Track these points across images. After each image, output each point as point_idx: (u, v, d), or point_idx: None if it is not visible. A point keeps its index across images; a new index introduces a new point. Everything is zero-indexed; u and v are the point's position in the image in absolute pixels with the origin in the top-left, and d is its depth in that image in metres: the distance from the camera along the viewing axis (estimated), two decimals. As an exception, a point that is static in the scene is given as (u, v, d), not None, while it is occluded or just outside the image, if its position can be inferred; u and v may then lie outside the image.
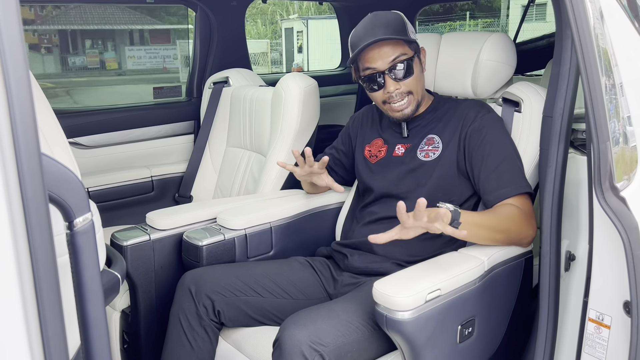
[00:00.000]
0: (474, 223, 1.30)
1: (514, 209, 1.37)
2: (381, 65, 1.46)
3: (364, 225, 1.59)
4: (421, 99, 1.55)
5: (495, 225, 1.35)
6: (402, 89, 1.49)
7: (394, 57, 1.46)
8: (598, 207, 1.02)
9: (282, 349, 1.15)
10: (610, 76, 1.07)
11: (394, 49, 1.46)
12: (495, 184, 1.41)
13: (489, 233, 1.34)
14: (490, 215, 1.38)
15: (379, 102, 1.54)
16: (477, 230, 1.32)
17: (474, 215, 1.35)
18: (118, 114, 2.36)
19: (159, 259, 1.61)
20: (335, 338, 1.18)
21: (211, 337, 1.43)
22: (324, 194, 1.86)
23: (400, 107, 1.50)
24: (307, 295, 1.52)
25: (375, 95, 1.52)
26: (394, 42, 1.46)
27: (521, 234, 1.38)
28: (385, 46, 1.46)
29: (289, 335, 1.16)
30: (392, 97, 1.49)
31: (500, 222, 1.36)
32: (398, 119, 1.55)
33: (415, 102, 1.52)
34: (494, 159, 1.43)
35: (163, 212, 1.68)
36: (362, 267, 1.51)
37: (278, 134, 1.97)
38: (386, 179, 1.57)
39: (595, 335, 1.09)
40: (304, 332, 1.15)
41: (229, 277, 1.45)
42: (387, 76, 1.47)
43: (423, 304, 1.16)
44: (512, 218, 1.36)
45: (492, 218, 1.36)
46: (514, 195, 1.40)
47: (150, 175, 2.31)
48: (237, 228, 1.60)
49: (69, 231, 0.63)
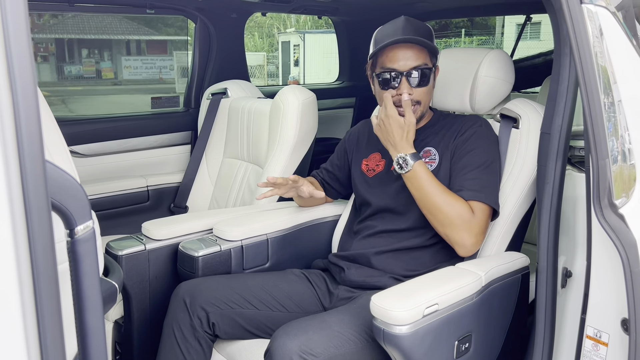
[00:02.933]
0: (424, 178, 1.40)
1: (467, 210, 1.38)
2: (402, 67, 1.47)
3: (362, 238, 1.59)
4: (425, 112, 1.56)
5: (440, 199, 1.38)
6: (413, 96, 1.49)
7: (417, 64, 1.47)
8: (597, 224, 1.02)
9: (273, 358, 1.14)
10: (609, 94, 1.08)
11: (418, 55, 1.47)
12: (461, 183, 1.44)
13: (429, 200, 1.39)
14: (443, 189, 1.41)
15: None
16: (420, 184, 1.40)
17: (431, 177, 1.42)
18: (115, 123, 2.35)
19: (154, 269, 1.60)
20: (327, 349, 1.17)
21: (205, 349, 1.42)
22: (320, 206, 1.86)
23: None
24: (303, 308, 1.51)
25: (385, 94, 1.52)
26: (419, 49, 1.48)
27: (457, 232, 1.38)
28: (411, 50, 1.47)
29: (279, 345, 1.15)
30: (400, 102, 1.50)
31: (446, 201, 1.38)
32: None
33: (419, 112, 1.53)
34: (471, 163, 1.45)
35: (159, 222, 1.67)
36: (359, 281, 1.50)
37: (276, 145, 1.97)
38: (384, 193, 1.57)
39: (592, 352, 1.08)
40: (295, 342, 1.14)
41: (224, 289, 1.44)
42: (404, 78, 1.48)
43: (421, 318, 1.16)
44: (458, 209, 1.37)
45: (442, 192, 1.40)
46: (473, 201, 1.40)
47: (146, 185, 2.30)
48: (233, 239, 1.59)
49: (70, 239, 0.63)
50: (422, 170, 1.40)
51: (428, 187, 1.40)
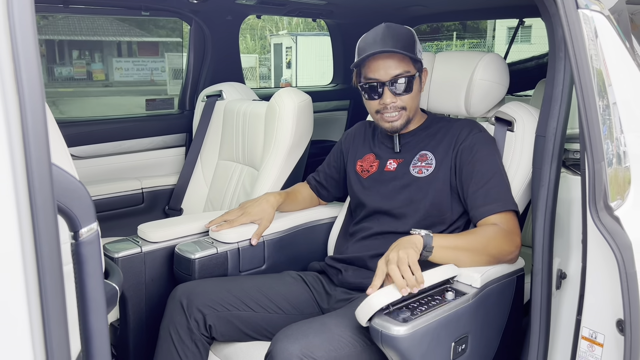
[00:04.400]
0: (448, 246, 1.33)
1: (493, 227, 1.39)
2: (383, 77, 1.49)
3: (358, 240, 1.59)
4: (413, 116, 1.57)
5: (472, 246, 1.35)
6: (398, 103, 1.51)
7: (398, 72, 1.48)
8: (592, 226, 1.03)
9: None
10: (604, 97, 1.09)
11: (399, 64, 1.48)
12: (482, 199, 1.43)
13: (466, 254, 1.35)
14: (466, 236, 1.39)
15: (372, 110, 1.56)
16: (453, 253, 1.33)
17: (449, 238, 1.36)
18: (109, 125, 2.34)
19: (149, 271, 1.59)
20: (327, 352, 1.17)
21: (202, 352, 1.42)
22: (316, 208, 1.87)
23: (391, 119, 1.53)
24: (300, 310, 1.51)
25: (371, 104, 1.55)
26: (400, 57, 1.49)
27: (502, 251, 1.38)
28: (391, 59, 1.48)
29: (280, 349, 1.15)
30: (386, 109, 1.52)
31: (477, 241, 1.36)
32: (387, 130, 1.57)
33: (406, 117, 1.54)
34: (482, 175, 1.45)
35: (155, 224, 1.67)
36: (356, 283, 1.51)
37: (271, 148, 1.97)
38: (379, 194, 1.58)
39: (588, 353, 1.10)
40: (296, 346, 1.15)
41: (221, 291, 1.44)
42: (386, 88, 1.49)
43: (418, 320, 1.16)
44: (490, 236, 1.37)
45: (468, 239, 1.37)
46: (500, 212, 1.42)
47: (140, 187, 2.30)
48: (229, 242, 1.59)
49: (74, 241, 0.63)
50: (439, 243, 1.33)
51: (456, 247, 1.34)
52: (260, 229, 1.63)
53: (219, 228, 1.60)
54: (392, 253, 1.25)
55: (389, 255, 1.25)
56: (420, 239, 1.29)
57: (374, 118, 1.58)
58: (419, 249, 1.27)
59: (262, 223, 1.63)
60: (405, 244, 1.27)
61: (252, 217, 1.63)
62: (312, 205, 1.87)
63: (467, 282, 1.35)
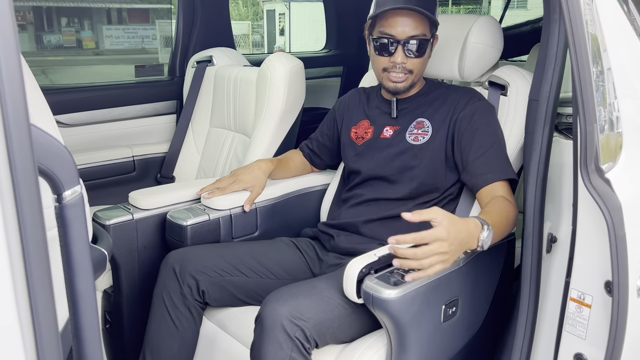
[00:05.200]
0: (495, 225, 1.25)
1: (503, 200, 1.37)
2: (400, 35, 1.45)
3: (351, 207, 1.59)
4: (417, 81, 1.55)
5: (502, 221, 1.31)
6: (407, 65, 1.48)
7: (415, 33, 1.45)
8: (583, 189, 1.03)
9: (264, 324, 1.15)
10: (599, 63, 1.08)
11: (418, 25, 1.45)
12: (483, 168, 1.42)
13: (500, 230, 1.30)
14: (500, 216, 1.31)
15: (379, 67, 1.52)
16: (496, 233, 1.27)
17: (492, 218, 1.27)
18: (99, 92, 2.31)
19: (142, 238, 1.59)
20: (316, 314, 1.18)
21: (195, 317, 1.43)
22: (308, 175, 1.86)
23: (397, 79, 1.50)
24: (293, 275, 1.52)
25: (380, 60, 1.50)
26: (420, 18, 1.44)
27: (513, 222, 1.38)
28: (411, 18, 1.44)
29: (270, 310, 1.16)
30: (395, 68, 1.48)
31: (502, 216, 1.32)
32: (390, 90, 1.54)
33: (411, 81, 1.52)
34: (482, 144, 1.44)
35: (146, 191, 1.66)
36: (348, 248, 1.51)
37: (263, 114, 1.95)
38: (374, 161, 1.57)
39: (576, 314, 1.11)
40: (285, 307, 1.16)
41: (214, 257, 1.44)
42: (400, 47, 1.46)
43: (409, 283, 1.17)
44: (507, 209, 1.35)
45: (499, 214, 1.31)
46: (500, 180, 1.42)
47: (132, 155, 2.28)
48: (221, 208, 1.59)
49: (58, 204, 0.62)
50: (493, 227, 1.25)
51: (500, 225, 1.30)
52: (252, 195, 1.63)
53: (210, 195, 1.60)
54: (444, 244, 1.11)
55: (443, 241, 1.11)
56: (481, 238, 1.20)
57: (379, 76, 1.55)
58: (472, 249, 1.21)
59: (254, 190, 1.63)
60: (465, 243, 1.16)
61: (244, 184, 1.62)
62: (305, 173, 1.86)
63: (458, 247, 1.35)
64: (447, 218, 1.13)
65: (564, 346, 1.14)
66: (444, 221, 1.12)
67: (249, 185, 1.63)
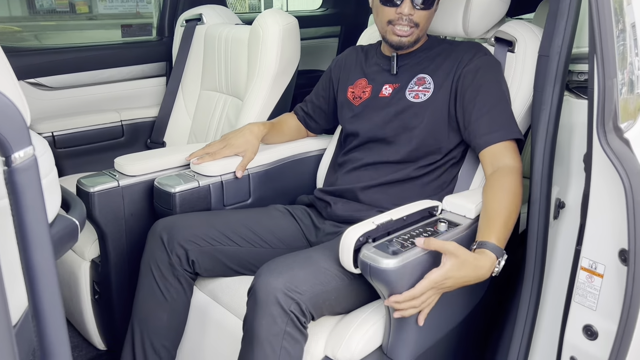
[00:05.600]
0: (505, 238, 1.18)
1: (505, 177, 1.27)
2: None
3: (348, 172, 1.51)
4: (422, 36, 1.45)
5: (509, 216, 1.21)
6: (414, 17, 1.38)
7: None
8: (599, 150, 0.95)
9: (257, 296, 1.09)
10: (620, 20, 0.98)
11: None
12: (487, 127, 1.34)
13: (510, 227, 1.21)
14: (500, 212, 1.20)
15: (384, 18, 1.42)
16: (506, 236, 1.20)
17: (500, 231, 1.17)
18: (84, 53, 2.19)
19: (129, 206, 1.52)
20: (312, 286, 1.11)
21: (185, 288, 1.36)
22: (304, 140, 1.78)
23: (402, 33, 1.40)
24: (287, 244, 1.45)
25: (386, 11, 1.40)
26: None
27: (520, 201, 1.28)
28: None
29: (263, 283, 1.09)
30: (401, 20, 1.38)
31: (507, 207, 1.22)
32: (393, 44, 1.43)
33: (416, 36, 1.42)
34: (487, 101, 1.35)
35: (133, 157, 1.57)
36: (345, 216, 1.44)
37: (255, 75, 1.85)
38: (372, 121, 1.48)
39: (586, 284, 1.05)
40: (280, 280, 1.09)
41: (204, 226, 1.37)
42: None
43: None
44: (511, 189, 1.25)
45: (503, 213, 1.20)
46: (505, 140, 1.33)
47: (120, 119, 2.18)
48: (212, 175, 1.51)
49: (7, 167, 0.54)
50: (501, 243, 1.17)
51: (507, 228, 1.20)
52: (244, 161, 1.54)
53: (200, 161, 1.52)
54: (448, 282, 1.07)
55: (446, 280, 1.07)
56: (495, 271, 1.13)
57: (382, 29, 1.45)
58: (499, 262, 1.13)
59: (246, 155, 1.55)
60: (471, 280, 1.10)
61: (235, 149, 1.54)
62: (300, 137, 1.78)
63: (461, 213, 1.28)
64: (456, 261, 1.07)
65: (573, 317, 1.07)
66: (450, 263, 1.07)
67: (240, 150, 1.54)
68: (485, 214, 1.22)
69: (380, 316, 1.22)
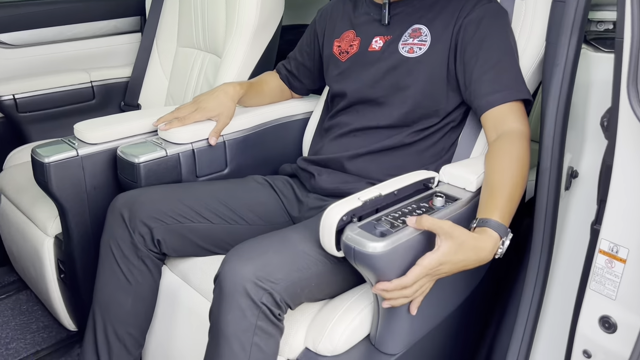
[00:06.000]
0: (509, 214, 1.01)
1: (511, 143, 1.10)
2: None
3: (335, 138, 1.35)
4: None
5: (514, 188, 1.04)
6: None
7: None
8: (627, 112, 0.79)
9: (222, 286, 0.94)
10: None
11: None
12: (490, 85, 1.16)
13: (516, 201, 1.04)
14: (504, 184, 1.03)
15: None
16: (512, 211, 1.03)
17: (506, 207, 1.00)
18: (48, 7, 1.99)
19: (91, 178, 1.36)
20: (288, 273, 0.97)
21: (152, 270, 1.22)
22: (288, 102, 1.61)
23: None
24: (267, 219, 1.30)
25: None
26: None
27: (528, 163, 1.11)
28: None
29: (230, 271, 0.94)
30: None
31: (513, 178, 1.05)
32: None
33: None
34: (491, 56, 1.17)
35: (94, 122, 1.41)
36: (331, 188, 1.28)
37: (234, 29, 1.67)
38: (359, 80, 1.31)
39: (605, 270, 0.90)
40: (249, 267, 0.94)
41: (171, 201, 1.21)
42: None
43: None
44: (518, 158, 1.07)
45: (507, 185, 1.03)
46: (511, 101, 1.16)
47: (89, 80, 2.00)
48: (181, 142, 1.34)
49: None
50: (505, 221, 0.99)
51: (513, 202, 1.03)
52: (218, 126, 1.38)
53: (168, 126, 1.35)
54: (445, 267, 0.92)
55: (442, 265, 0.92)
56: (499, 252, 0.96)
57: None
58: (502, 242, 0.96)
59: (220, 119, 1.38)
60: (470, 264, 0.94)
61: (208, 113, 1.37)
62: (283, 99, 1.60)
63: (460, 185, 1.12)
64: (453, 243, 0.91)
65: (587, 306, 0.93)
66: (445, 246, 0.91)
67: (213, 114, 1.37)
68: (488, 187, 1.06)
69: (368, 302, 1.08)
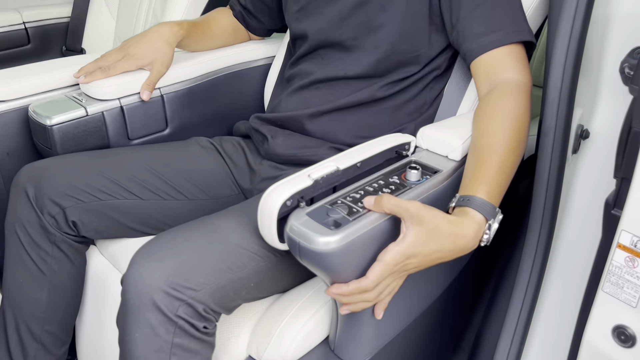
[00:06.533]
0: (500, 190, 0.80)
1: (507, 97, 0.88)
2: None
3: (294, 91, 1.11)
4: None
5: (507, 156, 0.82)
6: None
7: None
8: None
9: (126, 298, 0.73)
10: None
11: None
12: (482, 24, 0.91)
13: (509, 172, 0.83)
14: (495, 150, 0.81)
15: None
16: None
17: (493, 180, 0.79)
18: None
19: (3, 142, 1.13)
20: (215, 274, 0.75)
21: (70, 257, 1.01)
22: (246, 45, 1.35)
23: None
24: (210, 193, 1.08)
25: None
26: None
27: (527, 123, 0.90)
28: None
29: (134, 278, 0.73)
30: None
31: (506, 143, 0.83)
32: None
33: None
34: None
35: (3, 73, 1.16)
36: (287, 154, 1.05)
37: (180, -43, 1.39)
38: (323, 18, 1.06)
39: (624, 269, 0.69)
40: (159, 271, 0.72)
41: (88, 173, 0.99)
42: None
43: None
44: (514, 116, 0.86)
45: (499, 152, 0.81)
46: (508, 44, 0.92)
47: (22, 21, 1.73)
48: (106, 98, 1.11)
49: None
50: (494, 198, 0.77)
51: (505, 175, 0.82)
52: (152, 76, 1.13)
53: (89, 78, 1.10)
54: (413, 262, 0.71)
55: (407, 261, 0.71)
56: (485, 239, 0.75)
57: None
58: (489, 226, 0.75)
59: (154, 68, 1.13)
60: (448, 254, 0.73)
61: (138, 61, 1.12)
62: (238, 41, 1.35)
63: (442, 153, 0.90)
64: (422, 230, 0.69)
65: (599, 312, 0.73)
66: (412, 234, 0.69)
67: (145, 62, 1.12)
68: (474, 154, 0.83)
69: (326, 299, 0.88)
